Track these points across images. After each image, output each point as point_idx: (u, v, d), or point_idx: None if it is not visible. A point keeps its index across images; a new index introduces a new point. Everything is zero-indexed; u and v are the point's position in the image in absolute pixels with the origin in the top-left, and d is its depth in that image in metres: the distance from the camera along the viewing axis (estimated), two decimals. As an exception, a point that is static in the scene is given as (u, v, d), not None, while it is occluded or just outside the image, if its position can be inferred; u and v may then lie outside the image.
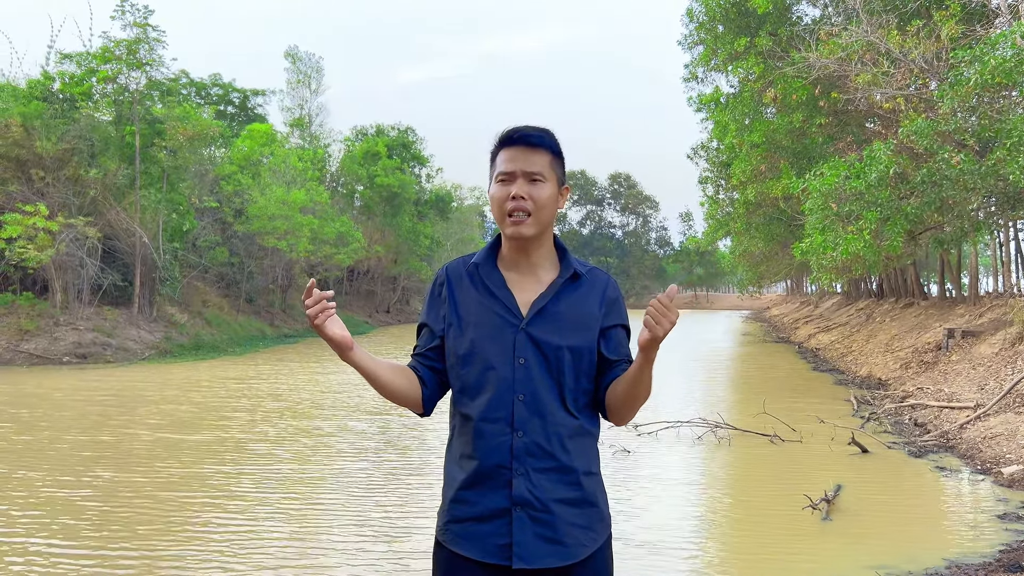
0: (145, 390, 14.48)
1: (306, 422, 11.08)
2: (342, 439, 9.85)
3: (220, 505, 6.78)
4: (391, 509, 6.70)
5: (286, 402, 12.97)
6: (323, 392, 14.38)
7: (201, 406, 12.49)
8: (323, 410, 12.21)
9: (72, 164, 22.34)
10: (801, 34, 17.16)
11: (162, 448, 9.16)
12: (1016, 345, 11.67)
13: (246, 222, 30.45)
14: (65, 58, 24.80)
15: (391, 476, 7.96)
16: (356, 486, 7.51)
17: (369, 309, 47.33)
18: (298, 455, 8.89)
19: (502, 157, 1.99)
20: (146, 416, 11.45)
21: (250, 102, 44.34)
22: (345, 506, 6.79)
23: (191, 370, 18.28)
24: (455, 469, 1.99)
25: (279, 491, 7.27)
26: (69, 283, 22.09)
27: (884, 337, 19.84)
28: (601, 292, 2.04)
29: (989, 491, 7.09)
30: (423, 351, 2.07)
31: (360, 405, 12.65)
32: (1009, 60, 10.94)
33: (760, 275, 38.26)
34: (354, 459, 8.77)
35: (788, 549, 5.74)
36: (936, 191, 12.61)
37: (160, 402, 12.91)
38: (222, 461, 8.53)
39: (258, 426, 10.72)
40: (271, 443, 9.54)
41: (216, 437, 9.88)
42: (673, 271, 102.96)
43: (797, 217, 19.72)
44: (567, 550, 1.91)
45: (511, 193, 1.95)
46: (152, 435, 9.96)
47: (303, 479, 7.81)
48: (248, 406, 12.50)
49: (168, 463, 8.39)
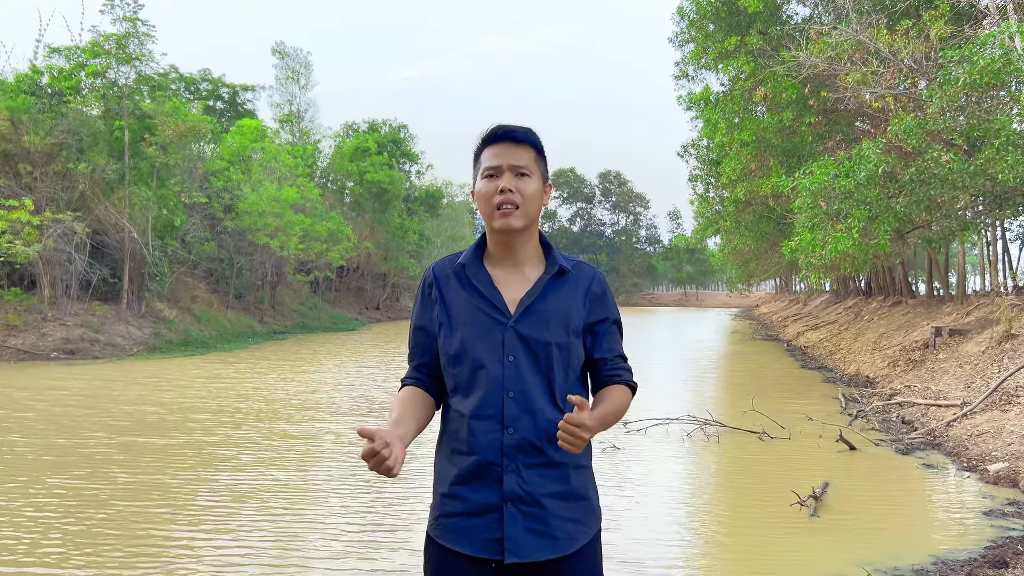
0: (123, 387, 14.40)
1: (290, 426, 10.72)
2: (321, 443, 9.54)
3: (186, 517, 6.24)
4: (368, 526, 6.09)
5: (267, 403, 12.58)
6: (308, 392, 14.33)
7: (171, 407, 12.00)
8: (307, 411, 12.13)
9: (60, 159, 22.21)
10: (791, 33, 17.22)
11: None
12: (1002, 344, 11.76)
13: (236, 218, 30.34)
14: (54, 52, 24.64)
15: (368, 486, 7.34)
16: (335, 496, 6.99)
17: (359, 306, 47.24)
18: (275, 462, 8.33)
19: (488, 154, 2.01)
20: (119, 416, 11.17)
21: (239, 97, 44.20)
22: (323, 522, 6.20)
23: (178, 367, 18.22)
24: (446, 465, 2.01)
25: (252, 501, 6.72)
26: (57, 278, 21.98)
27: (872, 335, 19.95)
28: (586, 287, 2.05)
29: (975, 488, 7.14)
30: (423, 361, 2.09)
31: (341, 406, 12.63)
32: (997, 60, 11.02)
33: (749, 273, 38.42)
34: (331, 466, 8.21)
35: (776, 545, 5.77)
36: (924, 190, 12.68)
37: (134, 402, 12.74)
38: (195, 466, 8.04)
39: (238, 429, 10.43)
40: (244, 448, 9.33)
41: (190, 440, 9.55)
42: (663, 269, 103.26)
43: (786, 215, 19.79)
44: (558, 543, 1.93)
45: (499, 187, 1.97)
46: (126, 437, 9.90)
47: (281, 487, 7.25)
48: (227, 407, 12.13)
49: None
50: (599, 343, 2.05)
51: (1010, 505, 6.49)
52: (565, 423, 1.76)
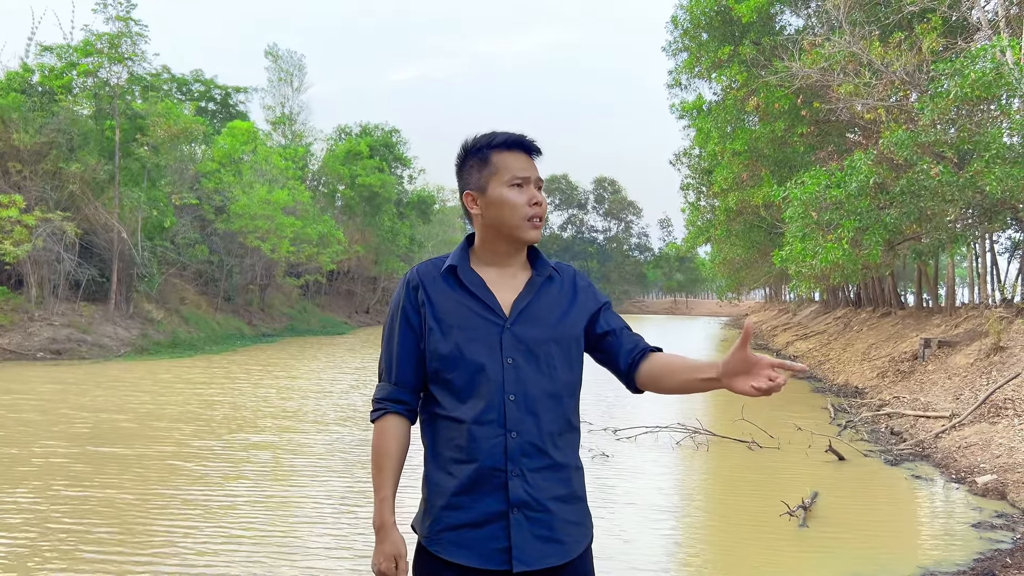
0: (100, 390, 14.30)
1: (255, 435, 10.19)
2: (295, 457, 9.11)
3: (136, 540, 5.64)
4: (343, 550, 5.61)
5: (236, 409, 12.31)
6: (284, 399, 14.25)
7: (140, 413, 11.73)
8: (280, 420, 12.03)
9: (50, 158, 22.10)
10: (784, 43, 17.28)
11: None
12: (991, 356, 11.79)
13: (227, 220, 30.24)
14: (45, 50, 24.54)
15: (344, 504, 6.89)
16: (311, 518, 6.34)
17: (348, 309, 47.15)
18: (242, 476, 7.74)
19: (514, 161, 2.01)
20: (80, 422, 11.06)
21: (232, 99, 44.09)
22: (300, 539, 5.79)
23: (164, 369, 18.12)
24: (443, 476, 1.93)
25: (213, 520, 6.17)
26: (45, 278, 21.84)
27: (861, 346, 19.99)
28: (571, 284, 2.09)
29: (963, 500, 7.14)
30: (405, 378, 1.98)
31: (324, 415, 12.55)
32: (988, 74, 11.08)
33: (739, 282, 38.44)
34: (308, 482, 7.69)
35: (765, 555, 5.75)
36: (915, 202, 12.73)
37: (101, 408, 12.65)
38: (154, 480, 7.52)
39: (204, 439, 9.98)
40: (208, 459, 9.05)
41: (150, 451, 9.16)
42: (653, 276, 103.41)
43: (777, 225, 19.83)
44: (565, 548, 1.92)
45: (534, 198, 1.99)
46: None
47: (247, 504, 6.69)
48: (201, 415, 12.02)
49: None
50: (609, 320, 2.08)
51: (998, 517, 6.50)
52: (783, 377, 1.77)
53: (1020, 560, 5.37)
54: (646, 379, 2.03)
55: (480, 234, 2.04)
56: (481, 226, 2.03)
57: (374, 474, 1.97)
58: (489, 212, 1.99)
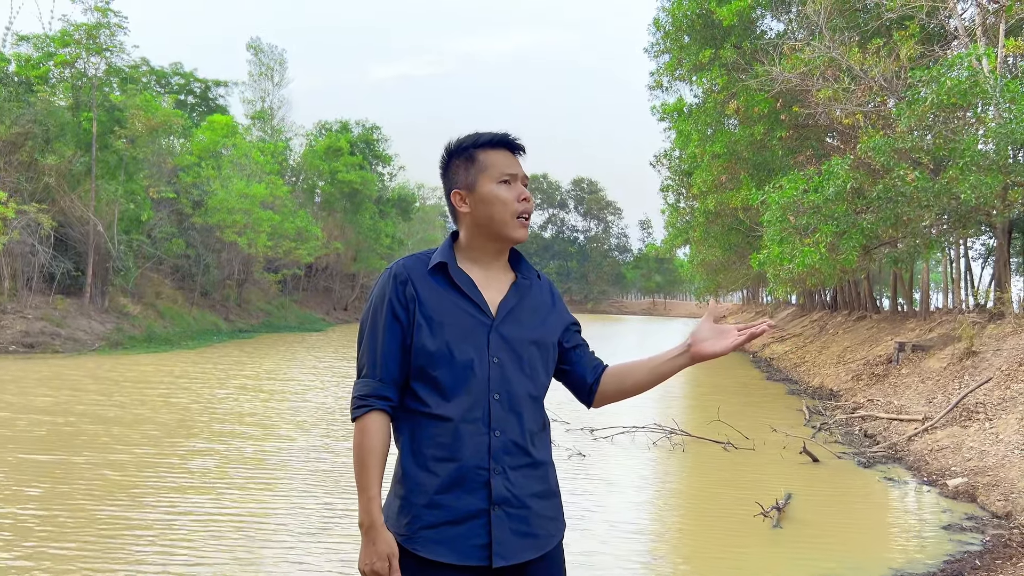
0: (64, 384, 14.16)
1: (200, 442, 9.55)
2: (267, 465, 8.71)
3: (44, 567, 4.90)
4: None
5: (213, 412, 12.34)
6: (268, 398, 14.17)
7: (84, 415, 11.64)
8: (258, 426, 12.00)
9: (26, 149, 21.83)
10: (765, 48, 17.41)
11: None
12: (963, 360, 11.94)
13: (205, 214, 30.01)
14: (22, 40, 24.26)
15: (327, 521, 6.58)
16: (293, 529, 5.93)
17: (327, 306, 46.95)
18: (186, 488, 7.11)
19: (503, 159, 2.02)
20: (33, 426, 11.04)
21: (211, 93, 43.76)
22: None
23: (136, 364, 17.95)
24: (423, 474, 1.90)
25: (144, 543, 5.42)
26: (18, 270, 21.58)
27: (837, 349, 20.17)
28: (550, 292, 2.15)
29: (935, 502, 7.23)
30: (390, 374, 1.93)
31: (301, 419, 12.47)
32: (964, 82, 11.23)
33: (718, 284, 38.66)
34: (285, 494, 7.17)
35: (738, 555, 5.79)
36: (891, 207, 12.87)
37: (47, 411, 12.56)
38: (85, 493, 7.06)
39: (155, 446, 9.43)
40: (153, 469, 8.85)
41: (92, 458, 8.70)
42: (632, 277, 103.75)
43: (755, 228, 19.98)
44: (539, 542, 1.95)
45: (522, 195, 2.01)
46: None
47: (190, 522, 5.98)
48: (155, 417, 11.87)
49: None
50: (569, 336, 2.14)
51: (968, 520, 6.58)
52: (763, 327, 2.02)
53: (989, 562, 5.45)
54: (610, 386, 2.14)
55: (467, 232, 2.03)
56: (469, 224, 2.02)
57: (359, 472, 1.89)
58: (479, 209, 1.99)
